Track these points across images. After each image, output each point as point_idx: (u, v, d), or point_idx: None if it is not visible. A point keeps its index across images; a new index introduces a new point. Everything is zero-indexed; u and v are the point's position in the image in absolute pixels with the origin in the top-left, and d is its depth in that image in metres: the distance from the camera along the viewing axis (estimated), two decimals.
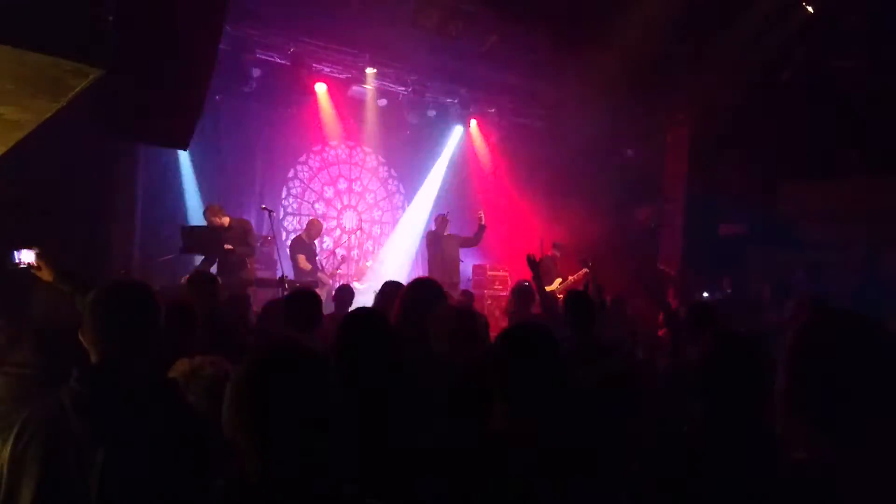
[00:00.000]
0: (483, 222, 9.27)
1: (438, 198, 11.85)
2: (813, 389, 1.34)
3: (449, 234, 9.28)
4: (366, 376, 2.29)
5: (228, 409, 1.33)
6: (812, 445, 1.33)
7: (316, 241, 9.16)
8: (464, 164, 12.16)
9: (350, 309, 5.60)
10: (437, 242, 9.05)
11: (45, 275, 2.71)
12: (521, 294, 6.07)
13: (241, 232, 7.40)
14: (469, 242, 9.37)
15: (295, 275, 8.49)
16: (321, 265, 9.33)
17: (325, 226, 9.98)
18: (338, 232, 11.24)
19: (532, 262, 5.05)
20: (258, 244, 8.45)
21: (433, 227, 9.31)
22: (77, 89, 3.31)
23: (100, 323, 1.78)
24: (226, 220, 7.33)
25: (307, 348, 1.44)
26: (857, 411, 1.29)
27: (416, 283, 3.37)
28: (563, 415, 1.88)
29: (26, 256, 2.71)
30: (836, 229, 9.33)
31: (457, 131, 11.76)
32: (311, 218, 9.51)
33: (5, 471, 1.64)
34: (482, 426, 1.89)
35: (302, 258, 8.59)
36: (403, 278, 8.35)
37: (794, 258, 9.22)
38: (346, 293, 6.21)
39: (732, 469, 1.76)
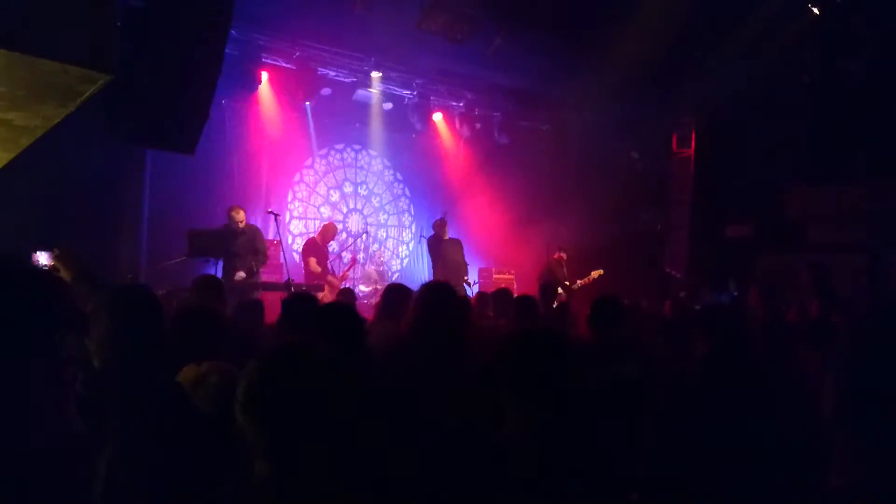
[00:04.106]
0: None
1: (442, 201, 11.85)
2: (863, 399, 1.17)
3: (452, 239, 9.17)
4: (381, 377, 2.31)
5: (239, 409, 1.35)
6: (855, 463, 1.17)
7: (331, 244, 9.23)
8: (468, 167, 12.17)
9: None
10: (437, 246, 8.95)
11: (65, 275, 2.72)
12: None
13: (250, 238, 7.49)
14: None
15: (305, 277, 8.54)
16: (331, 268, 9.37)
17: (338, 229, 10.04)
18: (343, 235, 11.26)
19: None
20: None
21: (433, 232, 9.20)
22: (85, 95, 3.34)
23: (102, 328, 1.80)
24: (242, 224, 7.43)
25: (319, 349, 1.44)
26: None
27: (431, 287, 3.31)
28: (575, 417, 1.87)
29: (44, 258, 2.74)
30: (842, 232, 9.29)
31: (461, 134, 11.76)
32: (326, 222, 9.55)
33: None
34: (493, 428, 1.89)
35: (313, 261, 8.63)
36: (408, 281, 8.35)
37: (801, 261, 9.17)
38: (348, 296, 6.21)
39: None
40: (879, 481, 1.12)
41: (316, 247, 8.84)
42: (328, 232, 9.02)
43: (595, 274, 9.48)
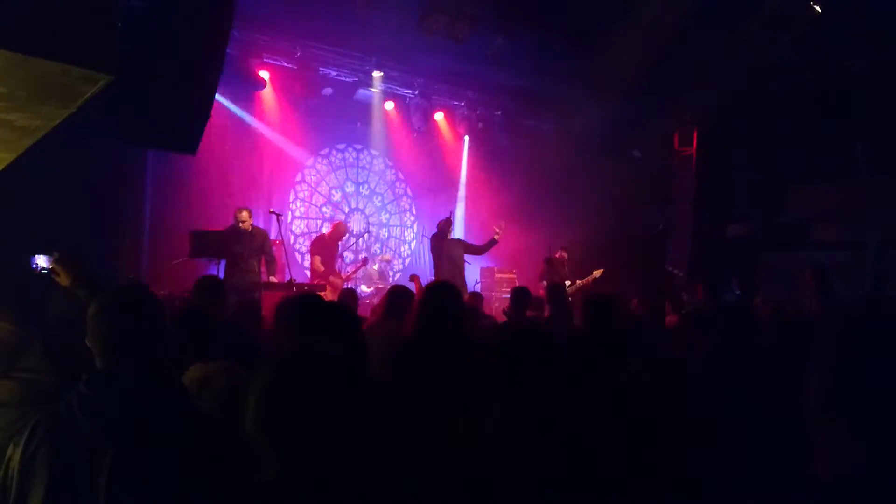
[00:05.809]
0: (498, 237, 8.84)
1: (445, 201, 11.85)
2: (847, 386, 1.20)
3: (454, 239, 9.17)
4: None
5: (248, 414, 1.35)
6: (840, 454, 1.19)
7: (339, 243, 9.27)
8: (470, 167, 12.17)
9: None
10: (440, 246, 8.94)
11: (63, 279, 2.71)
12: (517, 297, 5.94)
13: (259, 241, 7.53)
14: (475, 250, 9.07)
15: (310, 275, 8.57)
16: (337, 267, 9.38)
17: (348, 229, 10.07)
18: (346, 235, 11.27)
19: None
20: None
21: (437, 231, 9.20)
22: (86, 95, 3.33)
23: (103, 330, 1.80)
24: (249, 225, 7.47)
25: (328, 354, 1.44)
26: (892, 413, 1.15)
27: (435, 288, 3.28)
28: (563, 415, 1.87)
29: (44, 261, 2.72)
30: (844, 230, 9.27)
31: (462, 133, 11.76)
32: (327, 221, 9.58)
33: (16, 474, 1.67)
34: (476, 426, 1.89)
35: (317, 259, 8.64)
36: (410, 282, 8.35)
37: (803, 259, 9.17)
38: (348, 297, 6.20)
39: None
40: (869, 468, 1.14)
41: (324, 244, 8.85)
42: (336, 231, 9.05)
43: (596, 273, 9.47)
